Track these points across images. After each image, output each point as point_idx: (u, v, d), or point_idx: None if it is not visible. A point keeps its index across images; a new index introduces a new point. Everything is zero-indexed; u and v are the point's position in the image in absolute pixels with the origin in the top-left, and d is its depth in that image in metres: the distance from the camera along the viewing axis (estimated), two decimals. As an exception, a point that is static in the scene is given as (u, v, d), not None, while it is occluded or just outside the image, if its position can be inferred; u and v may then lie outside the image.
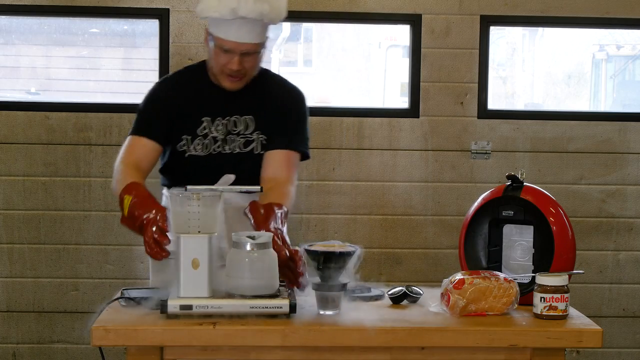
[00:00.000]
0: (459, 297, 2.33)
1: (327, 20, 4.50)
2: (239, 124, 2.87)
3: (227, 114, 2.86)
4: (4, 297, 4.34)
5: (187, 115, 2.84)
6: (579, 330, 2.27)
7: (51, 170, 4.27)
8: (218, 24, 2.72)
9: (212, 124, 2.85)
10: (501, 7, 4.37)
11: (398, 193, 4.41)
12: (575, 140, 4.43)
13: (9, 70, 4.57)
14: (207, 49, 2.82)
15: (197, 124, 2.84)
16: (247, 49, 2.73)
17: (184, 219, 2.30)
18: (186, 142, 2.84)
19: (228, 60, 2.74)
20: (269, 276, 2.30)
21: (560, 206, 2.54)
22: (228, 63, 2.74)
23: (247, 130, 2.87)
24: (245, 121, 2.87)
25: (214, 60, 2.78)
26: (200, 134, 2.84)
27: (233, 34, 2.71)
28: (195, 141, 2.84)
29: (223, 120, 2.86)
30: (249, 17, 2.68)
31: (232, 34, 2.71)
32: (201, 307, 2.25)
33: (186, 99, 2.85)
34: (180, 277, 2.27)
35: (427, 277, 4.33)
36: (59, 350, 4.38)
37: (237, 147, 2.87)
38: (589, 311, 3.85)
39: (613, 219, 4.47)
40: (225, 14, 2.67)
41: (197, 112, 2.84)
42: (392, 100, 4.88)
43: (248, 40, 2.72)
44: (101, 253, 4.34)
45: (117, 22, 4.49)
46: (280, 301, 2.27)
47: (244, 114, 2.87)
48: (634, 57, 5.07)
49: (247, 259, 2.28)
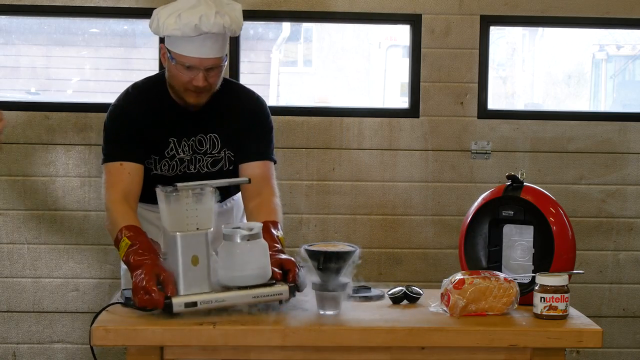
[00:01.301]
0: (459, 297, 2.33)
1: (327, 20, 4.50)
2: (205, 142, 2.83)
3: (192, 134, 2.82)
4: (4, 297, 4.34)
5: (153, 135, 2.79)
6: (579, 330, 2.27)
7: (51, 170, 4.27)
8: (178, 42, 2.65)
9: (178, 146, 2.81)
10: (501, 7, 4.37)
11: (398, 193, 4.41)
12: (575, 140, 4.43)
13: (9, 70, 4.57)
14: (165, 65, 2.75)
15: (164, 145, 2.80)
16: (211, 64, 2.67)
17: (181, 216, 2.30)
18: (153, 161, 2.81)
19: (191, 77, 2.67)
20: (263, 265, 2.32)
21: (560, 206, 2.54)
22: (192, 80, 2.67)
23: (214, 150, 2.84)
24: (211, 139, 2.84)
25: (176, 78, 2.71)
26: (167, 156, 2.81)
27: (196, 50, 2.65)
28: (162, 162, 2.82)
29: (189, 142, 2.82)
30: (211, 32, 2.62)
31: (194, 51, 2.65)
32: (205, 302, 2.26)
33: (151, 120, 2.79)
34: (180, 275, 2.27)
35: (427, 277, 4.33)
36: (59, 350, 4.38)
37: (205, 166, 2.84)
38: (589, 311, 3.85)
39: (613, 219, 4.47)
40: (188, 31, 2.60)
41: (163, 133, 2.80)
42: (392, 100, 4.88)
43: (212, 55, 2.67)
44: (101, 253, 4.34)
45: (117, 22, 4.49)
46: (279, 288, 2.31)
47: (208, 132, 2.83)
48: (634, 57, 5.07)
49: (239, 250, 2.29)
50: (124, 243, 2.47)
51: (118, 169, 2.73)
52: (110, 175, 2.74)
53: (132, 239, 2.47)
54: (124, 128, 2.78)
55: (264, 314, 2.29)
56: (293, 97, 5.21)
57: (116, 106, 2.84)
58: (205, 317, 2.25)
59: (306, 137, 4.35)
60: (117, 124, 2.80)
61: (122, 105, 2.84)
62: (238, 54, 4.31)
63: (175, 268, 2.29)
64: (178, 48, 2.66)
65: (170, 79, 2.75)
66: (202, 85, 2.67)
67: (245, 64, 4.55)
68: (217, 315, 2.26)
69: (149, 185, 2.69)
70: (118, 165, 2.73)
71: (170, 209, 2.31)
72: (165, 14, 2.66)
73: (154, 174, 2.81)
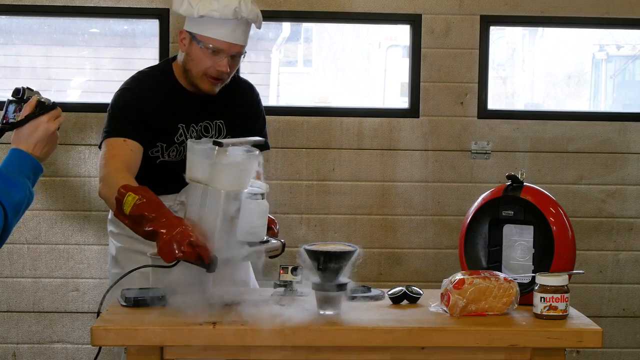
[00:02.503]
0: (459, 297, 2.33)
1: (327, 20, 4.50)
2: (211, 129, 2.85)
3: (200, 120, 2.84)
4: (4, 297, 4.35)
5: (162, 122, 2.79)
6: (579, 330, 2.27)
7: (51, 170, 4.27)
8: (210, 24, 2.68)
9: (187, 131, 2.82)
10: (501, 7, 4.37)
11: (398, 193, 4.41)
12: (575, 140, 4.43)
13: (9, 70, 4.57)
14: (184, 50, 2.76)
15: (173, 132, 2.81)
16: (237, 50, 2.73)
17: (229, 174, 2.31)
18: (160, 148, 2.81)
19: (214, 62, 2.71)
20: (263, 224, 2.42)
21: (560, 206, 2.54)
22: (215, 65, 2.71)
23: (219, 136, 2.86)
24: (217, 125, 2.86)
25: (197, 62, 2.73)
26: (177, 142, 2.81)
27: (227, 34, 2.69)
28: (170, 148, 2.81)
29: (197, 127, 2.84)
30: (246, 19, 2.68)
31: (226, 35, 2.69)
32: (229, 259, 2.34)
33: (161, 106, 2.80)
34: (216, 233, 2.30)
35: (427, 277, 4.33)
36: (59, 350, 4.38)
37: None
38: (589, 311, 3.85)
39: (613, 219, 4.47)
40: (227, 14, 2.65)
41: (172, 119, 2.81)
42: (392, 100, 4.88)
43: (240, 42, 2.73)
44: (101, 253, 4.34)
45: (117, 22, 4.49)
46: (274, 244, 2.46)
47: (214, 118, 2.86)
48: (634, 57, 5.07)
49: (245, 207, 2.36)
50: (130, 197, 2.37)
51: (121, 144, 2.70)
52: (112, 148, 2.70)
53: (137, 192, 2.38)
54: (132, 110, 2.76)
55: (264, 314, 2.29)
56: (293, 97, 5.21)
57: (125, 89, 2.83)
58: (204, 317, 2.25)
59: (306, 137, 4.35)
60: (125, 105, 2.79)
61: (132, 88, 2.83)
62: (238, 54, 4.31)
63: (210, 224, 2.30)
64: (208, 31, 2.69)
65: (188, 63, 2.76)
66: (225, 71, 2.72)
67: (245, 64, 4.53)
68: (216, 315, 2.26)
69: (153, 174, 2.69)
70: (121, 140, 2.71)
71: (219, 166, 2.31)
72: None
73: (161, 162, 2.81)
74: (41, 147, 2.15)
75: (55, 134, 2.17)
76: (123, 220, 2.40)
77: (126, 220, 2.39)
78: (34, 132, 2.13)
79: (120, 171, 2.60)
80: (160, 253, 2.27)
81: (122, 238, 2.93)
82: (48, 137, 2.15)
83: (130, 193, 2.37)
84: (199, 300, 2.32)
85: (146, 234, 2.33)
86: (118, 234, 2.95)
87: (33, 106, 2.13)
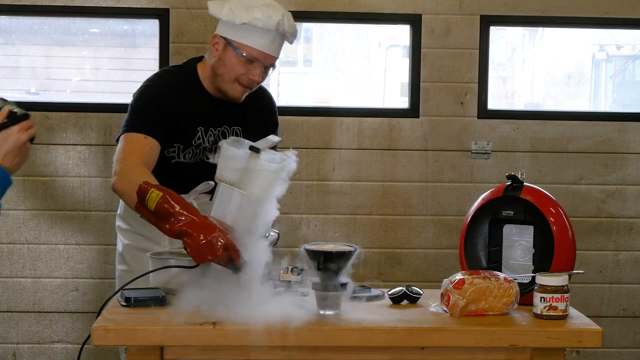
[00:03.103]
0: (459, 297, 2.33)
1: (327, 20, 4.50)
2: (228, 134, 2.86)
3: (218, 125, 2.85)
4: (4, 297, 4.35)
5: (182, 123, 2.80)
6: (579, 330, 2.26)
7: (51, 170, 4.27)
8: (249, 33, 2.71)
9: (205, 135, 2.83)
10: (501, 7, 4.37)
11: (398, 193, 4.41)
12: (575, 140, 4.43)
13: (9, 70, 4.57)
14: (215, 54, 2.78)
15: (192, 134, 2.82)
16: (271, 62, 2.78)
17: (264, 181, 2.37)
18: (177, 149, 2.81)
19: (248, 70, 2.74)
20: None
21: (560, 206, 2.54)
22: (248, 73, 2.74)
23: None
24: (234, 131, 2.88)
25: (230, 68, 2.75)
26: (194, 144, 2.82)
27: (265, 45, 2.73)
28: (187, 150, 2.82)
29: (215, 131, 2.85)
30: (284, 33, 2.74)
31: (264, 45, 2.73)
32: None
33: (182, 107, 2.80)
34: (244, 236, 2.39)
35: (427, 277, 4.33)
36: (59, 350, 4.38)
37: None
38: (589, 311, 3.85)
39: (613, 219, 4.47)
40: (270, 25, 2.69)
41: (192, 122, 2.81)
42: (392, 100, 4.88)
43: (276, 54, 2.78)
44: (101, 253, 4.34)
45: (117, 22, 4.49)
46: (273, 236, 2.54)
47: (232, 124, 2.88)
48: (634, 57, 5.07)
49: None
50: (154, 194, 2.36)
51: (141, 141, 2.69)
52: (132, 143, 2.68)
53: (161, 189, 2.37)
54: (155, 107, 2.76)
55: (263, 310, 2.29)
56: (293, 97, 5.20)
57: (150, 86, 2.82)
58: (205, 317, 2.25)
59: (306, 137, 4.35)
60: (149, 101, 2.77)
61: (157, 86, 2.82)
62: (238, 54, 4.31)
63: (240, 228, 2.36)
64: (247, 39, 2.72)
65: (220, 68, 2.77)
66: (257, 80, 2.77)
67: (245, 64, 4.54)
68: (216, 315, 2.26)
69: (166, 173, 2.68)
70: (142, 137, 2.69)
71: (254, 171, 2.35)
72: (238, 4, 2.71)
73: (175, 162, 2.82)
74: (11, 158, 2.10)
75: (26, 145, 2.12)
76: (145, 214, 2.40)
77: (151, 218, 2.38)
78: (4, 143, 2.09)
79: (139, 166, 2.59)
80: (193, 254, 2.28)
81: (130, 234, 2.94)
82: (19, 148, 2.10)
83: (154, 189, 2.37)
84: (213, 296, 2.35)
85: (173, 232, 2.34)
86: (126, 230, 2.96)
87: (4, 116, 2.10)
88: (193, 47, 4.26)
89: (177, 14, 4.29)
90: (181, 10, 4.29)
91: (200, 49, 4.25)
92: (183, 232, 2.31)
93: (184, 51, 4.27)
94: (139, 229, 2.90)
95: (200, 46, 4.25)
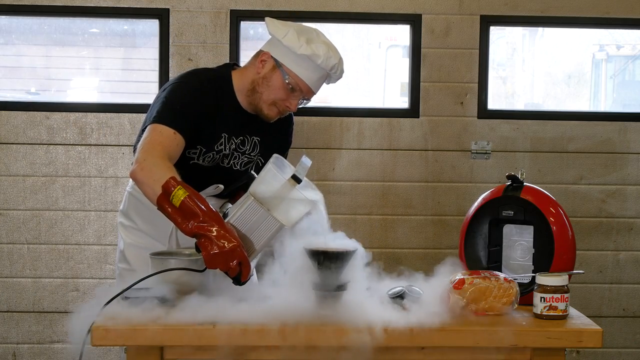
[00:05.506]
0: (459, 297, 2.33)
1: (327, 20, 4.50)
2: (247, 143, 2.90)
3: (240, 134, 2.88)
4: (4, 297, 4.34)
5: (210, 127, 2.80)
6: (579, 330, 2.27)
7: (51, 170, 4.27)
8: (303, 64, 2.76)
9: (227, 142, 2.86)
10: (501, 7, 4.37)
11: (398, 193, 4.41)
12: (575, 140, 4.43)
13: (9, 70, 4.57)
14: (260, 72, 2.81)
15: (216, 139, 2.83)
16: (310, 96, 2.85)
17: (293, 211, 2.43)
18: (198, 151, 2.82)
19: (288, 97, 2.80)
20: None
21: (560, 206, 2.54)
22: (287, 100, 2.80)
23: (252, 152, 2.92)
24: (253, 141, 2.91)
25: (272, 90, 2.79)
26: (216, 149, 2.84)
27: (313, 81, 2.80)
28: (208, 154, 2.83)
29: (236, 140, 2.88)
30: (331, 75, 2.83)
31: (312, 81, 2.80)
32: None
33: (213, 111, 2.80)
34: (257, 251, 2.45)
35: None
36: (59, 350, 4.38)
37: (238, 164, 2.90)
38: (589, 311, 3.85)
39: (613, 219, 4.47)
40: (325, 65, 2.76)
41: (219, 128, 2.83)
42: (392, 100, 4.88)
43: (317, 91, 2.86)
44: (101, 253, 4.34)
45: (117, 22, 4.49)
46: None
47: (252, 134, 2.91)
48: (634, 57, 5.07)
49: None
50: (181, 191, 2.36)
51: (170, 135, 2.65)
52: (161, 135, 2.64)
53: (188, 189, 2.39)
54: (191, 105, 2.74)
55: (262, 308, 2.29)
56: (293, 97, 5.20)
57: (187, 84, 2.80)
58: (205, 317, 2.24)
59: (306, 137, 4.35)
60: (183, 98, 2.75)
61: (194, 85, 2.80)
62: (238, 54, 4.31)
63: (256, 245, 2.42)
64: (299, 70, 2.77)
65: (262, 86, 2.81)
66: (293, 110, 2.84)
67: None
68: (216, 315, 2.26)
69: (183, 174, 2.65)
70: (172, 132, 2.66)
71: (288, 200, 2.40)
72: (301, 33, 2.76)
73: (193, 163, 2.82)
74: None
75: None
76: (166, 208, 2.39)
77: (173, 213, 2.38)
78: None
79: (164, 160, 2.56)
80: (207, 258, 2.31)
81: (132, 231, 2.94)
82: None
83: (181, 187, 2.38)
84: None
85: (193, 232, 2.35)
86: (129, 227, 2.96)
87: None
88: (193, 47, 4.26)
89: (177, 14, 4.29)
90: (181, 10, 4.29)
91: (200, 49, 4.25)
92: (203, 235, 2.32)
93: (184, 51, 4.27)
94: (143, 226, 2.90)
95: (200, 46, 4.25)
